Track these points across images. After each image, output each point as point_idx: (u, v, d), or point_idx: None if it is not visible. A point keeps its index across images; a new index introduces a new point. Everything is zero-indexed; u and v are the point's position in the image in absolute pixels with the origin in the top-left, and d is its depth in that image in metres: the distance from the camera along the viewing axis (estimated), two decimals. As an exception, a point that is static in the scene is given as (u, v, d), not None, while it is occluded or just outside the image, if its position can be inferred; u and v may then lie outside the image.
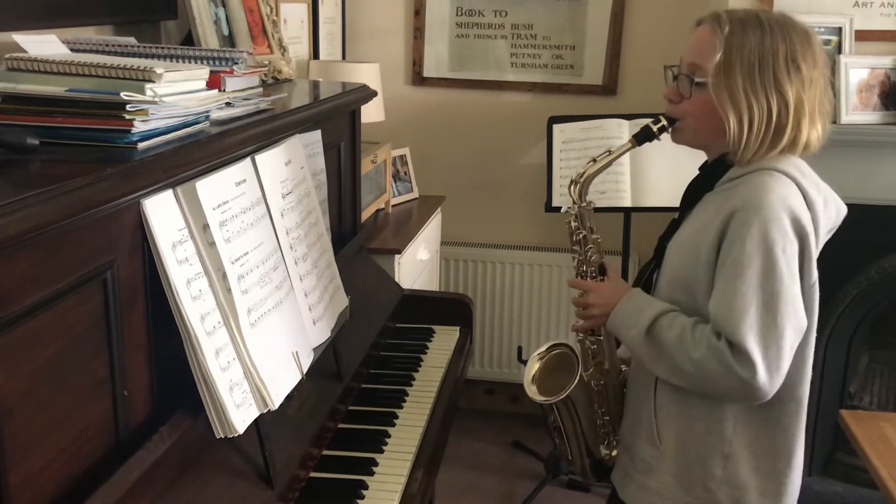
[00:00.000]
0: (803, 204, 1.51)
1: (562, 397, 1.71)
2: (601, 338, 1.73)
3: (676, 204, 1.75)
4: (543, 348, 1.82)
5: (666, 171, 2.89)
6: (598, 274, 1.73)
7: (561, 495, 3.24)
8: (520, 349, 3.48)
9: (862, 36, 2.98)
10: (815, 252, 1.53)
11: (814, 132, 1.55)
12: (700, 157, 1.79)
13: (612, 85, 3.51)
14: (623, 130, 3.03)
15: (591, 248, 1.72)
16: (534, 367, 1.79)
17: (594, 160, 1.67)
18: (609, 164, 1.68)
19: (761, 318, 1.46)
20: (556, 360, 1.80)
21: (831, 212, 1.59)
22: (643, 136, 1.64)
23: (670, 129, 1.64)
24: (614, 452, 1.80)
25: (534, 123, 3.45)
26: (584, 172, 1.68)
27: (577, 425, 1.77)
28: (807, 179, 1.55)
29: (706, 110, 1.55)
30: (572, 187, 1.70)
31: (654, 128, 1.63)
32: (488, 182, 3.67)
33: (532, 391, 1.76)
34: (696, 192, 1.66)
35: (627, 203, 2.98)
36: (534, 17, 3.52)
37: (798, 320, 1.50)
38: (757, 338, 1.46)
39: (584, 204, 1.71)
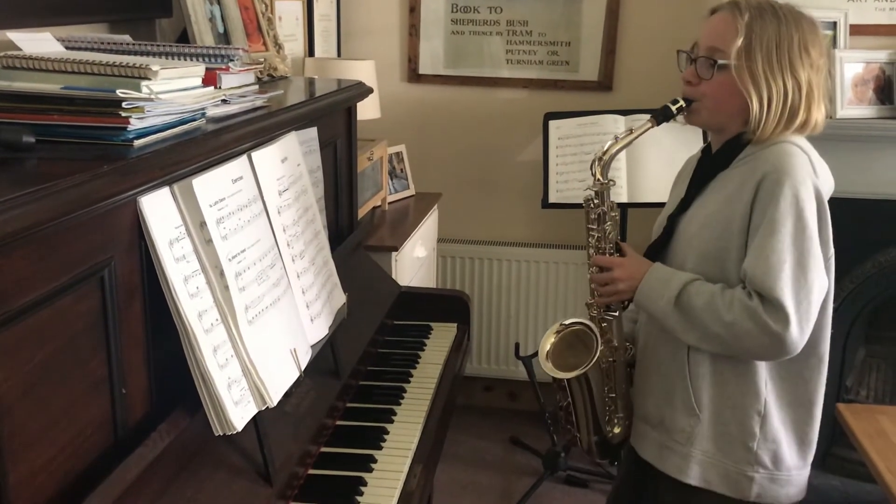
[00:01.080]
0: (814, 174, 1.62)
1: (583, 371, 1.75)
2: (616, 314, 1.79)
3: (674, 200, 1.76)
4: (559, 324, 1.84)
5: (662, 167, 2.89)
6: (616, 251, 1.77)
7: (559, 491, 3.24)
8: (517, 345, 3.49)
9: (857, 30, 2.97)
10: (829, 219, 1.62)
11: (819, 113, 1.65)
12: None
13: (608, 81, 3.51)
14: (619, 126, 3.03)
15: (609, 224, 1.76)
16: (547, 344, 1.82)
17: (616, 138, 1.73)
18: (630, 142, 1.74)
19: (794, 274, 1.55)
20: (568, 339, 1.83)
21: (829, 186, 1.68)
22: (662, 116, 1.70)
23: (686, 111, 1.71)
24: (616, 430, 1.85)
25: (530, 120, 3.45)
26: (607, 150, 1.73)
27: (587, 402, 1.81)
28: (813, 154, 1.66)
29: (726, 91, 1.64)
30: (596, 163, 1.74)
31: (673, 108, 1.69)
32: (485, 179, 3.66)
33: (549, 367, 1.79)
34: (709, 170, 1.73)
35: (624, 199, 2.98)
36: (529, 13, 3.51)
37: (822, 279, 1.59)
38: (791, 293, 1.55)
39: (606, 181, 1.75)
